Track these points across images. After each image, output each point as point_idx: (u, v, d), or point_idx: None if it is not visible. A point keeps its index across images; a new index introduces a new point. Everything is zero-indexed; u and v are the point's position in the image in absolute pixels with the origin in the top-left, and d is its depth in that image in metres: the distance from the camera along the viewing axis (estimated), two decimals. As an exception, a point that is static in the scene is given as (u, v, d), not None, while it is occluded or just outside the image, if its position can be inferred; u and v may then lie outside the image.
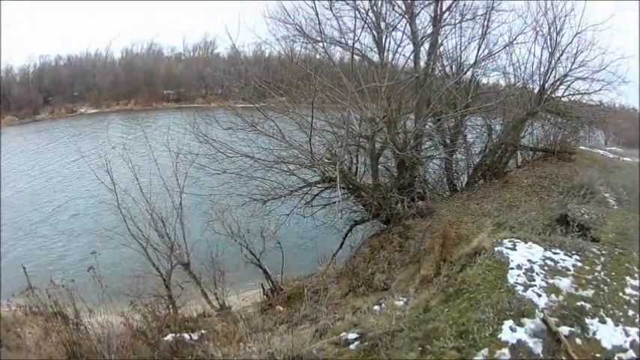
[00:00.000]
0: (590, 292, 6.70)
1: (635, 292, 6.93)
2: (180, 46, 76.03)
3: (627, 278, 7.31)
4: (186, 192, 12.43)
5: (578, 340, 5.63)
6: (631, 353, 5.60)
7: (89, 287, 11.89)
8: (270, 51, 15.04)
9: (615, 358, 5.47)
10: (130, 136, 36.17)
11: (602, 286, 6.96)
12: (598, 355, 5.45)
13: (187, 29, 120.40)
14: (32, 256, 18.39)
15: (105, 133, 46.51)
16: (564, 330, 5.72)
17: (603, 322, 6.07)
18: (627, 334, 5.91)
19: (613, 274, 7.39)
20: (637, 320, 6.25)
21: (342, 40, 13.26)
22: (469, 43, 14.64)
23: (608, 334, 5.85)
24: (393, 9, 13.70)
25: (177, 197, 12.22)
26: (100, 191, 14.16)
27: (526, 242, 8.10)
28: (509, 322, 5.79)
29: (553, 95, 15.71)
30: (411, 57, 13.66)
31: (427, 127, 13.96)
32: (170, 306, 11.38)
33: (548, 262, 7.46)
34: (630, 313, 6.39)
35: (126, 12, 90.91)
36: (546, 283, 6.81)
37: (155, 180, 12.73)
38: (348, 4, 13.20)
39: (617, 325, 6.05)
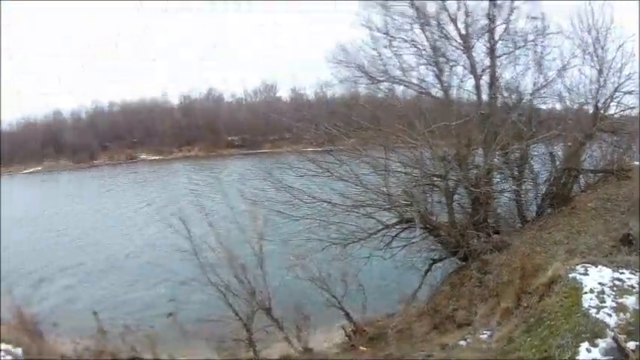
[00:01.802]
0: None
1: None
2: (240, 91, 77.72)
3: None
4: (266, 238, 12.58)
5: (647, 354, 5.81)
6: None
7: (168, 334, 12.82)
8: (332, 92, 15.46)
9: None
10: (200, 183, 37.32)
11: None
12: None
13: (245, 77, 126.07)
14: (104, 302, 17.86)
15: (171, 180, 47.72)
16: (631, 345, 6.01)
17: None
18: None
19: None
20: None
21: (404, 78, 13.68)
22: (525, 71, 14.71)
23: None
24: (450, 44, 13.95)
25: (255, 243, 12.38)
26: (170, 239, 14.79)
27: (596, 266, 8.39)
28: (585, 344, 6.20)
29: (607, 114, 15.32)
30: (473, 90, 13.85)
31: (495, 160, 13.94)
32: (251, 349, 11.94)
33: (617, 282, 7.76)
34: None
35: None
36: (615, 302, 7.12)
37: (230, 226, 13.11)
38: (406, 41, 13.62)
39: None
